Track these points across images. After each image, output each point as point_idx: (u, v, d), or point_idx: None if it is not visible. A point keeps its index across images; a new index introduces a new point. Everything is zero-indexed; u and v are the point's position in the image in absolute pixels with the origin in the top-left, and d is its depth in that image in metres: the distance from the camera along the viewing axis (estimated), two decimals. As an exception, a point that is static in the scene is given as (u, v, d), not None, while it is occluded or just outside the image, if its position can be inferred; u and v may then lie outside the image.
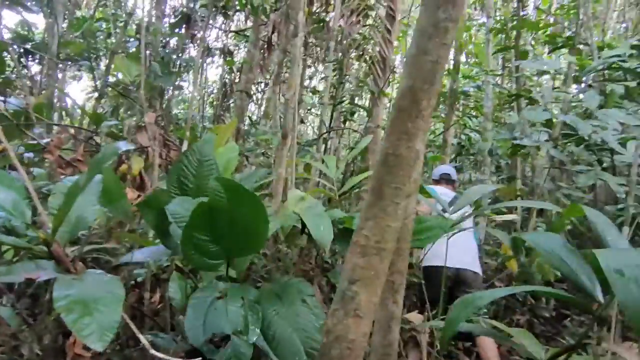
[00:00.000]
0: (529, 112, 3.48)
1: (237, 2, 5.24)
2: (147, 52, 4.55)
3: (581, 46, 4.74)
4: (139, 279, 2.46)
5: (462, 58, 7.07)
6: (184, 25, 5.14)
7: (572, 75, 4.66)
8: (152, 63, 4.48)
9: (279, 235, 2.07)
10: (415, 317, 2.60)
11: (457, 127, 7.06)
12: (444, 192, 3.37)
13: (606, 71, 4.23)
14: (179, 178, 2.01)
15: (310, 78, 8.30)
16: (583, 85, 5.09)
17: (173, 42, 5.49)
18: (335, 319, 1.00)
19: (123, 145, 1.53)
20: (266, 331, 1.48)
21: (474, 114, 7.32)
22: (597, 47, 4.68)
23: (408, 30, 7.05)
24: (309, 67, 7.75)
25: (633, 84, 3.63)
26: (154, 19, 5.16)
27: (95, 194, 1.58)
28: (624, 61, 3.75)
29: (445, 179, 3.60)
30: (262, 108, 7.91)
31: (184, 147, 3.09)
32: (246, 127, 6.24)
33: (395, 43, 5.53)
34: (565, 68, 4.69)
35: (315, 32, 5.54)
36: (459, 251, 2.81)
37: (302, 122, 7.25)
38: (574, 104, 4.84)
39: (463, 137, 7.39)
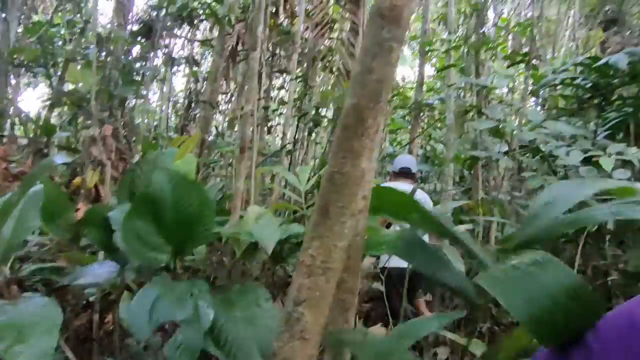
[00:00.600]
0: (476, 122, 3.64)
1: (201, 12, 5.17)
2: (107, 59, 4.41)
3: (536, 62, 4.98)
4: (92, 299, 2.33)
5: (427, 71, 7.26)
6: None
7: (529, 89, 4.89)
8: (112, 71, 4.34)
9: (236, 251, 2.03)
10: (378, 330, 2.59)
11: (422, 139, 7.21)
12: (403, 190, 3.39)
13: (559, 86, 4.48)
14: (130, 189, 1.92)
15: (279, 89, 8.28)
16: (541, 98, 5.35)
17: (136, 50, 5.35)
18: (281, 341, 0.97)
19: (59, 159, 1.45)
20: (218, 336, 1.42)
21: (438, 125, 7.51)
22: (550, 63, 4.93)
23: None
24: (277, 77, 7.72)
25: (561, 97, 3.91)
26: (115, 26, 5.02)
27: (34, 209, 1.48)
28: (574, 78, 4.01)
29: (405, 172, 3.50)
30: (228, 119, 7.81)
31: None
32: (212, 138, 6.13)
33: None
34: (522, 83, 4.91)
35: (281, 44, 5.54)
36: None
37: (269, 132, 7.20)
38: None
39: (428, 148, 7.57)
